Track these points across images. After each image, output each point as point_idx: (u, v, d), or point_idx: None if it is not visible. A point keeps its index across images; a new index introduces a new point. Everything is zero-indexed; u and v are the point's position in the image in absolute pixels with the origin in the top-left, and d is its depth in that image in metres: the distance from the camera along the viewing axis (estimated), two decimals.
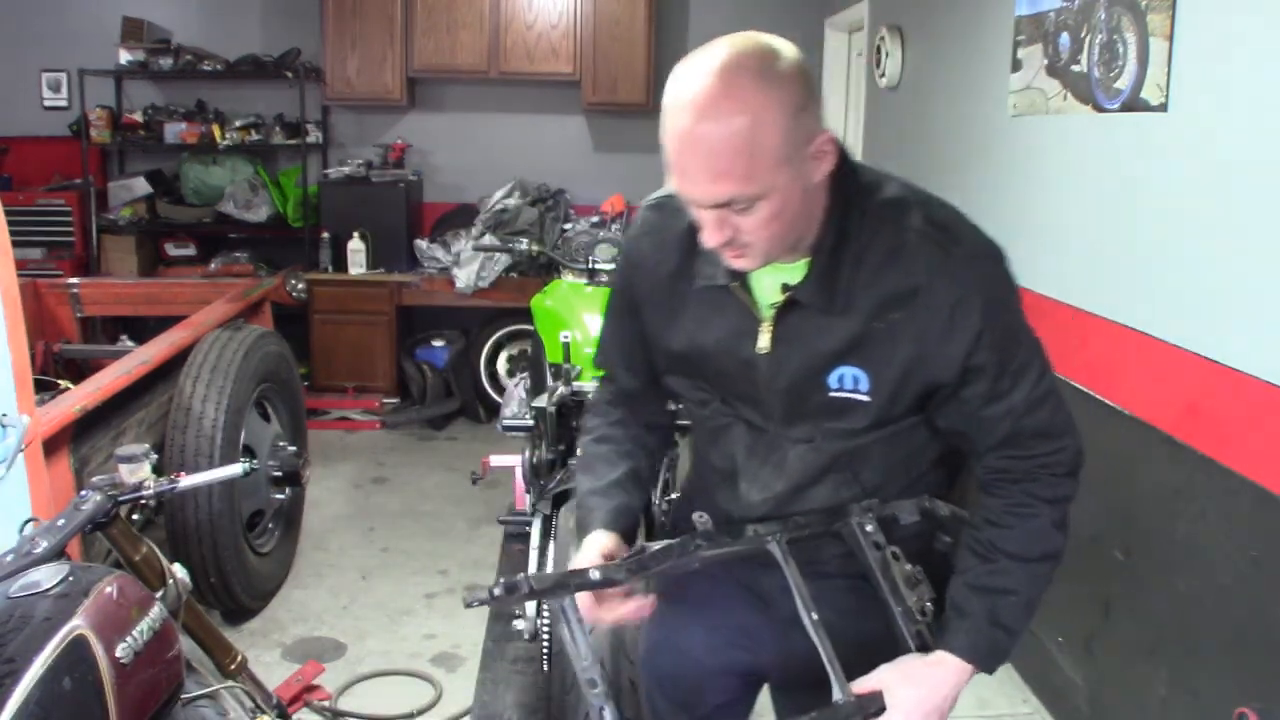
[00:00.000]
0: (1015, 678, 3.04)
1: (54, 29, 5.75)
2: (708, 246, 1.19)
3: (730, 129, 1.08)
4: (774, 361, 1.27)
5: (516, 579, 1.12)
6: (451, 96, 5.87)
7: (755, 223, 1.15)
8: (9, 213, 2.13)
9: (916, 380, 1.25)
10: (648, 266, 1.37)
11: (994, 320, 1.22)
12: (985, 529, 1.31)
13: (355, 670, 3.03)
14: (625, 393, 1.51)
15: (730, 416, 1.37)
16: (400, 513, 4.26)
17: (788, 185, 1.13)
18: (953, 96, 3.66)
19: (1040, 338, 1.31)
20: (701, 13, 5.78)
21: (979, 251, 1.24)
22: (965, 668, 1.28)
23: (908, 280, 1.21)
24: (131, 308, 4.65)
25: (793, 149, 1.12)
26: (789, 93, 1.11)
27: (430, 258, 5.51)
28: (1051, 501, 1.30)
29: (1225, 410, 2.08)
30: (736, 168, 1.09)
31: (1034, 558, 1.31)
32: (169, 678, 1.36)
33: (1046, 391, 1.29)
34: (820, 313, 1.23)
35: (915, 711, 1.25)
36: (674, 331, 1.35)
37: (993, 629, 1.29)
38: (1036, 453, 1.29)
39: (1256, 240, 2.00)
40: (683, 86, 1.12)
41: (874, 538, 1.31)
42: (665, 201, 1.35)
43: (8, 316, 2.02)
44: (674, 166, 1.14)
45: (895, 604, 1.31)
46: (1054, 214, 2.87)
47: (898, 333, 1.22)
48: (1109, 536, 2.53)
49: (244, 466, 1.70)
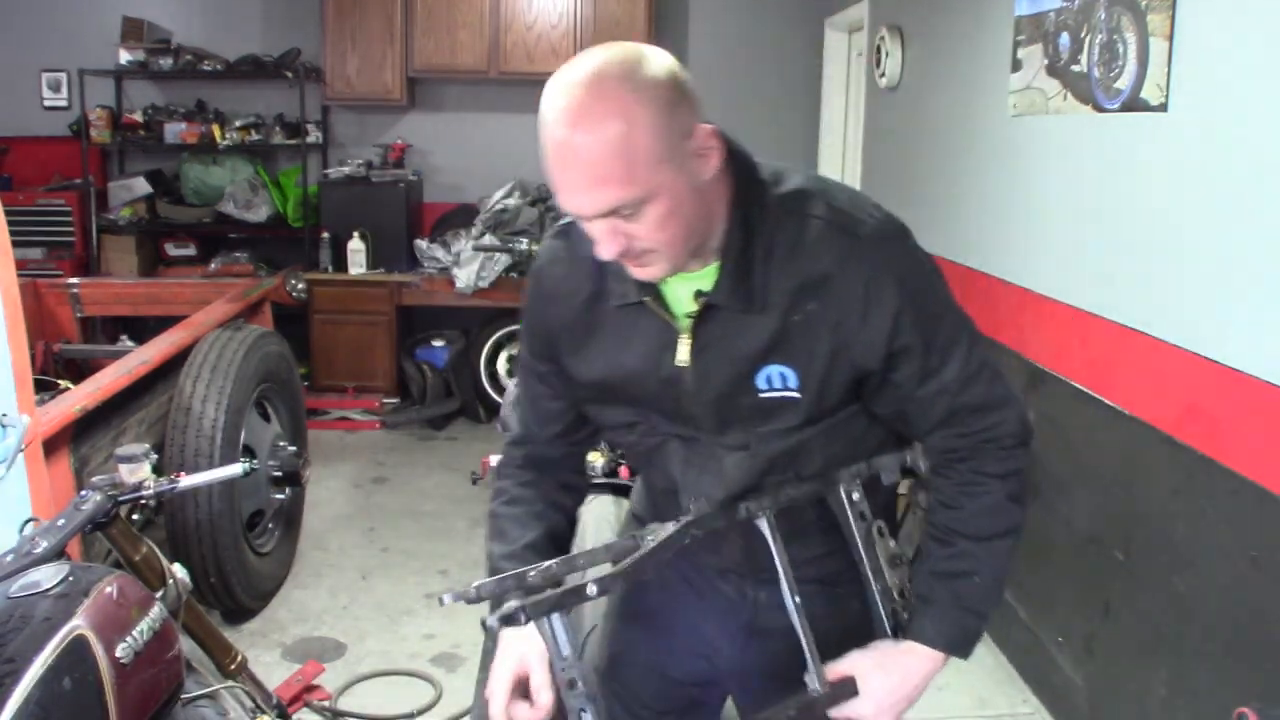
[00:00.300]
0: (1015, 678, 3.04)
1: (54, 29, 5.75)
2: (604, 259, 1.17)
3: (603, 134, 1.07)
4: (697, 372, 1.24)
5: (511, 608, 1.09)
6: (451, 96, 5.87)
7: (648, 227, 1.12)
8: (9, 213, 2.13)
9: (842, 369, 1.23)
10: (560, 295, 1.32)
11: (910, 299, 1.21)
12: (940, 512, 1.31)
13: (355, 670, 3.03)
14: (538, 456, 1.45)
15: (660, 435, 1.34)
16: (400, 513, 4.26)
17: (673, 184, 1.11)
18: (953, 96, 3.66)
19: (968, 312, 1.30)
20: (701, 13, 5.78)
21: (885, 233, 1.23)
22: (937, 655, 1.28)
23: (817, 268, 1.19)
24: (131, 308, 4.65)
25: (670, 147, 1.10)
26: (659, 91, 1.10)
27: (430, 258, 5.51)
28: (1002, 476, 1.28)
29: (1225, 410, 2.08)
30: (615, 172, 1.08)
31: (991, 536, 1.29)
32: (169, 678, 1.36)
33: (980, 365, 1.27)
34: (738, 313, 1.21)
35: (886, 700, 1.25)
36: (592, 359, 1.31)
37: (961, 614, 1.28)
38: (978, 428, 1.27)
39: (1256, 240, 2.00)
40: (552, 101, 1.10)
41: (860, 508, 1.29)
42: (570, 227, 1.32)
43: (8, 316, 2.02)
44: (555, 183, 1.12)
45: (875, 581, 1.30)
46: (1054, 214, 2.87)
47: (816, 323, 1.21)
48: (1109, 536, 2.53)
49: (244, 466, 1.70)
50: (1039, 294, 2.93)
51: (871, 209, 1.24)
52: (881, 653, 1.28)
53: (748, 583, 1.40)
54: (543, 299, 1.35)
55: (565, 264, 1.32)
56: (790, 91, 5.69)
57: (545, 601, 1.12)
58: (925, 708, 1.35)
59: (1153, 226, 2.37)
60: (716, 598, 1.43)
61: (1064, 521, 2.78)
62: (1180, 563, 2.22)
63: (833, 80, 5.52)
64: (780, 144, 5.35)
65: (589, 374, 1.32)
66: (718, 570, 1.42)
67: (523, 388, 1.45)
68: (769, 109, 5.66)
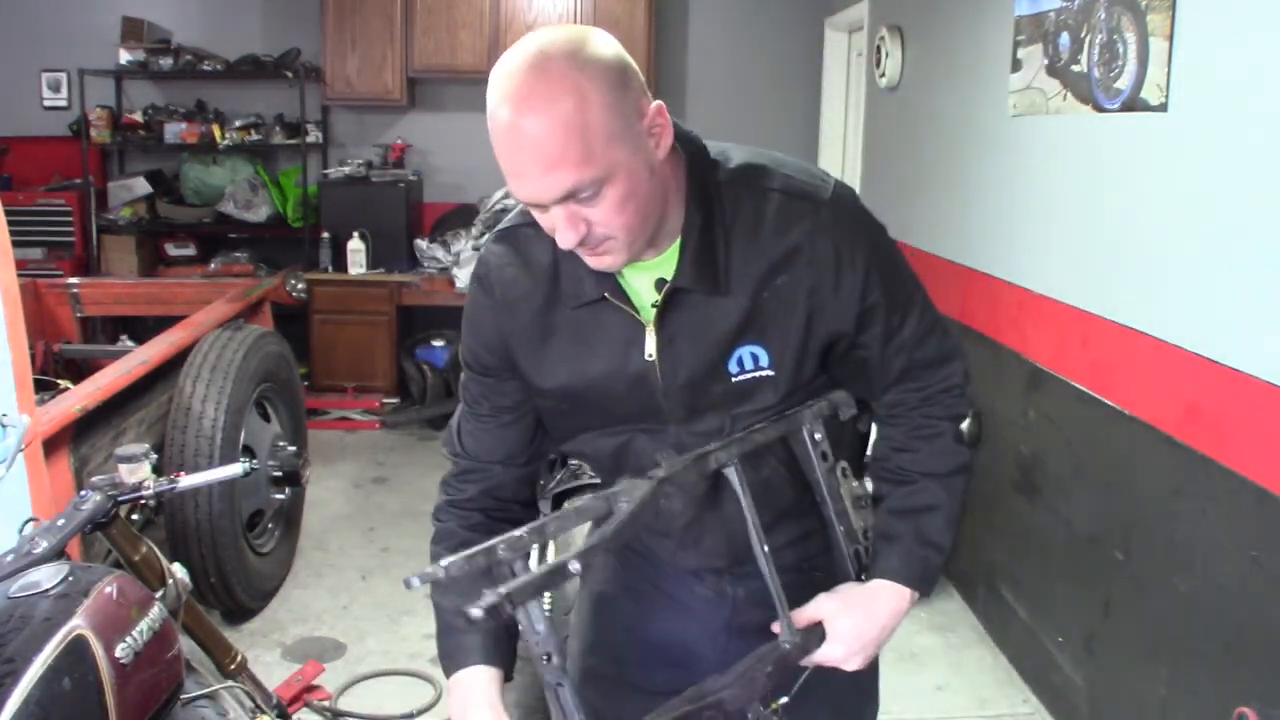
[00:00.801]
0: (1015, 678, 3.04)
1: (54, 29, 5.74)
2: (564, 248, 1.12)
3: (555, 114, 1.03)
4: (667, 364, 1.22)
5: (494, 600, 1.00)
6: (451, 96, 5.87)
7: (607, 211, 1.09)
8: (9, 213, 2.13)
9: (818, 337, 1.23)
10: (510, 301, 1.25)
11: (876, 260, 1.23)
12: (894, 457, 1.32)
13: (355, 670, 3.03)
14: (489, 489, 1.37)
15: (624, 432, 1.29)
16: (400, 513, 4.26)
17: (629, 162, 1.08)
18: (953, 96, 3.66)
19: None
20: (701, 13, 5.78)
21: (844, 199, 1.23)
22: (902, 592, 1.29)
23: (785, 242, 1.19)
24: (131, 308, 4.66)
25: (623, 123, 1.07)
26: (605, 68, 1.07)
27: (430, 258, 5.51)
28: (952, 419, 1.31)
29: (1225, 410, 2.08)
30: (570, 153, 1.04)
31: (947, 472, 1.31)
32: (169, 678, 1.36)
33: (934, 320, 1.30)
34: (704, 297, 1.19)
35: (855, 641, 1.25)
36: (550, 367, 1.26)
37: (923, 548, 1.29)
38: (930, 382, 1.30)
39: (1256, 240, 2.00)
40: (499, 88, 1.07)
41: (821, 447, 1.28)
42: (513, 231, 1.27)
43: (8, 316, 2.02)
44: (508, 170, 1.08)
45: (839, 523, 1.30)
46: (1054, 214, 2.87)
47: (787, 295, 1.20)
48: (1109, 536, 2.53)
49: (244, 466, 1.70)
50: (1039, 294, 2.93)
51: (821, 175, 1.24)
52: (846, 594, 1.28)
53: (726, 580, 1.38)
54: (492, 307, 1.27)
55: (514, 268, 1.25)
56: (790, 91, 5.69)
57: (528, 587, 1.03)
58: (925, 708, 1.35)
59: (1153, 226, 2.37)
60: (694, 600, 1.41)
61: (1064, 521, 2.78)
62: (1180, 563, 2.22)
63: (833, 80, 5.52)
64: (780, 144, 5.27)
65: (549, 382, 1.27)
66: (695, 571, 1.39)
67: (467, 412, 1.36)
68: (769, 109, 5.66)
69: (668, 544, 1.38)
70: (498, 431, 1.34)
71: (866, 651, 1.28)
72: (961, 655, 3.19)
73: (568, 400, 1.28)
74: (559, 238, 1.11)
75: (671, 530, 1.35)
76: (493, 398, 1.33)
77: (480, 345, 1.30)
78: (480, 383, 1.33)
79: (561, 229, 1.10)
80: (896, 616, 1.29)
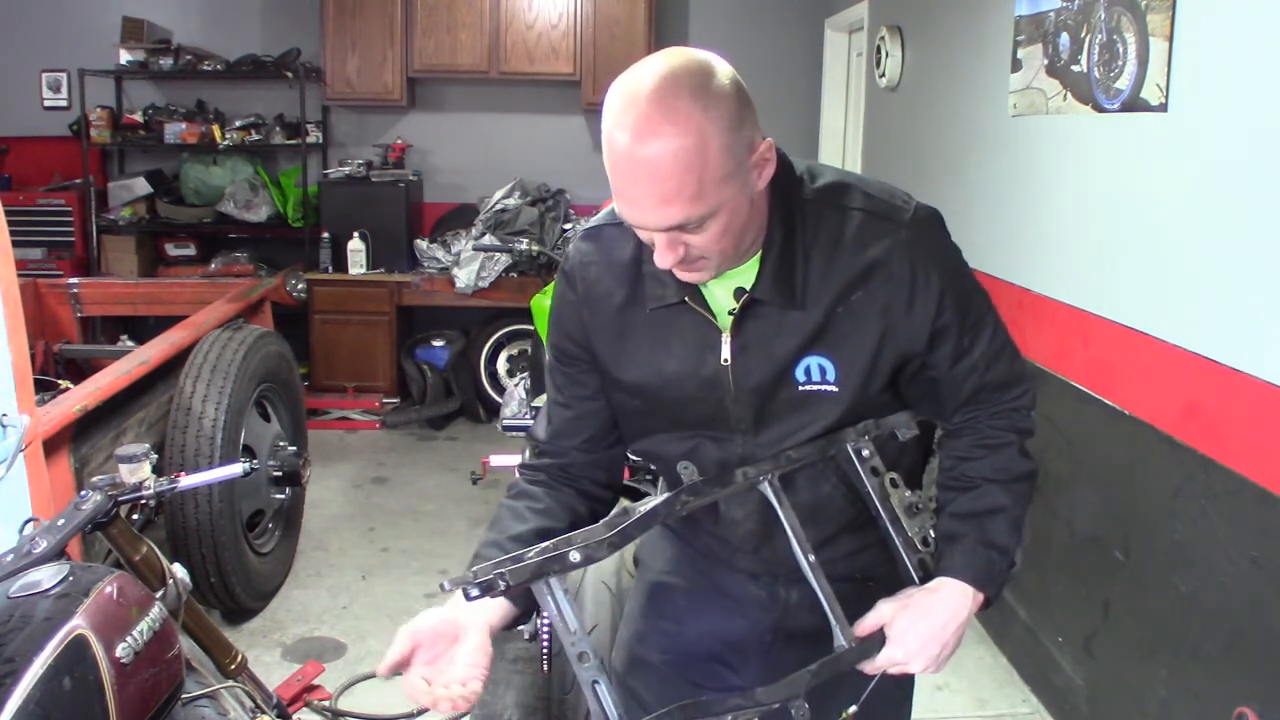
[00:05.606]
0: (1015, 678, 3.04)
1: (54, 29, 5.75)
2: (662, 268, 1.17)
3: (673, 152, 1.05)
4: (740, 369, 1.25)
5: (491, 576, 1.05)
6: (451, 96, 5.87)
7: (708, 240, 1.13)
8: (9, 213, 2.13)
9: (888, 355, 1.25)
10: (594, 298, 1.31)
11: (951, 281, 1.25)
12: (958, 465, 1.33)
13: (355, 670, 3.03)
14: (560, 466, 1.40)
15: (694, 439, 1.33)
16: (400, 513, 4.26)
17: (735, 199, 1.12)
18: (953, 96, 3.66)
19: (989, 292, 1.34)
20: (701, 13, 5.78)
21: (925, 219, 1.26)
22: (965, 590, 1.27)
23: (863, 260, 1.21)
24: (131, 308, 4.65)
25: (736, 163, 1.11)
26: (727, 107, 1.09)
27: (430, 258, 5.51)
28: (1019, 432, 1.33)
29: (1225, 410, 2.08)
30: (685, 190, 1.07)
31: (1011, 479, 1.32)
32: (169, 678, 1.36)
33: (1004, 342, 1.31)
34: (780, 308, 1.22)
35: (914, 641, 1.23)
36: (627, 363, 1.31)
37: (986, 550, 1.29)
38: (1000, 401, 1.32)
39: (1256, 240, 2.00)
40: (621, 110, 1.08)
41: (871, 463, 1.29)
42: (599, 229, 1.32)
43: (8, 316, 2.01)
44: (619, 193, 1.12)
45: (895, 534, 1.30)
46: (1054, 214, 2.87)
47: (860, 312, 1.22)
48: (1109, 536, 2.53)
49: (244, 466, 1.70)
50: (1039, 294, 2.93)
51: (904, 196, 1.27)
52: (907, 596, 1.27)
53: (779, 583, 1.41)
54: (576, 302, 1.33)
55: (599, 266, 1.31)
56: (790, 92, 5.69)
57: (526, 568, 1.07)
58: (925, 708, 1.35)
59: (1153, 226, 2.37)
60: (746, 598, 1.44)
61: (1064, 521, 2.78)
62: (1180, 563, 2.22)
63: (833, 80, 5.52)
64: (780, 144, 5.34)
65: (627, 376, 1.32)
66: (751, 573, 1.42)
67: (550, 399, 1.42)
68: (769, 109, 5.57)
69: (728, 547, 1.41)
70: (577, 420, 1.39)
71: (929, 651, 1.24)
72: (961, 655, 3.16)
73: (641, 396, 1.33)
74: (658, 258, 1.15)
75: (733, 536, 1.39)
76: (574, 386, 1.38)
77: (564, 336, 1.37)
78: (563, 372, 1.39)
79: (661, 251, 1.14)
80: (958, 614, 1.26)
